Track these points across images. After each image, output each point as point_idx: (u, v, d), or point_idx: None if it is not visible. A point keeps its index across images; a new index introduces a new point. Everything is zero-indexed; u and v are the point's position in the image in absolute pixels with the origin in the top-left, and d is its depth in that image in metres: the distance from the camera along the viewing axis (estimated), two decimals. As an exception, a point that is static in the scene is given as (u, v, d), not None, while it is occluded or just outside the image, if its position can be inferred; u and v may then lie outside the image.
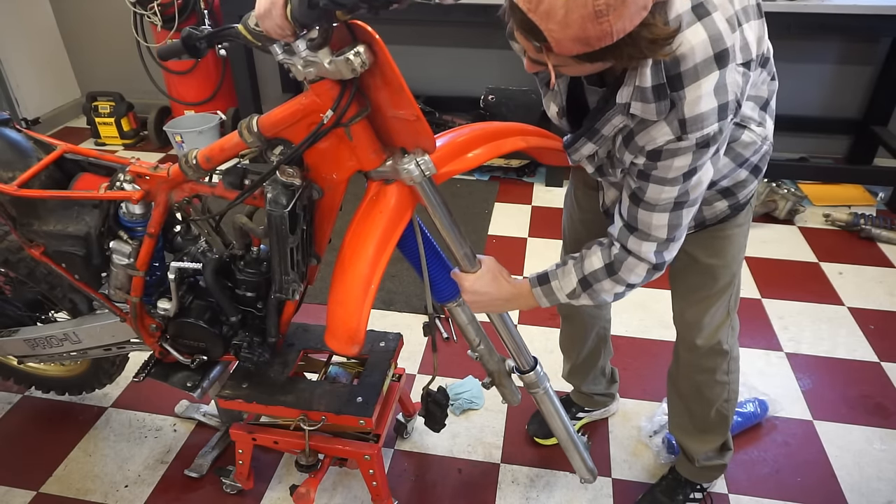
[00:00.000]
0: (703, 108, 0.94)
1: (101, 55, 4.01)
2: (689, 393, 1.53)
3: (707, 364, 1.45)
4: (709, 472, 1.64)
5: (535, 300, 1.26)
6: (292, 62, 1.02)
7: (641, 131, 1.01)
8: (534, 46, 0.89)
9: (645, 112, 0.97)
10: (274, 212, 1.15)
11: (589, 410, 1.89)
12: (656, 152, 1.00)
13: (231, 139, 1.20)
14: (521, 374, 1.49)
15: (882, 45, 3.20)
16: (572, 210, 1.53)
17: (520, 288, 1.28)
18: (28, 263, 1.58)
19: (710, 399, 1.49)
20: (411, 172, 1.13)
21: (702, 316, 1.39)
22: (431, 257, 1.31)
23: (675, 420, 1.62)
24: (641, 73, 0.94)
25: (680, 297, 1.43)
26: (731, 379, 1.49)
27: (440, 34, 3.60)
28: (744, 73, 0.96)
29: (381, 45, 1.00)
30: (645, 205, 1.07)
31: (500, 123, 1.35)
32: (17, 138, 1.41)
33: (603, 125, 1.06)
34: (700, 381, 1.48)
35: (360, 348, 1.18)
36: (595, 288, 1.18)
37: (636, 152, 1.04)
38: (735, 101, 0.96)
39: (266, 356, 1.46)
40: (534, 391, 1.50)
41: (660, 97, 0.95)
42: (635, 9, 0.80)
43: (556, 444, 1.85)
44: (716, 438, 1.57)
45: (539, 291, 1.24)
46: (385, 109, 1.11)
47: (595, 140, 1.11)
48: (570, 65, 0.90)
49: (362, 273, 1.16)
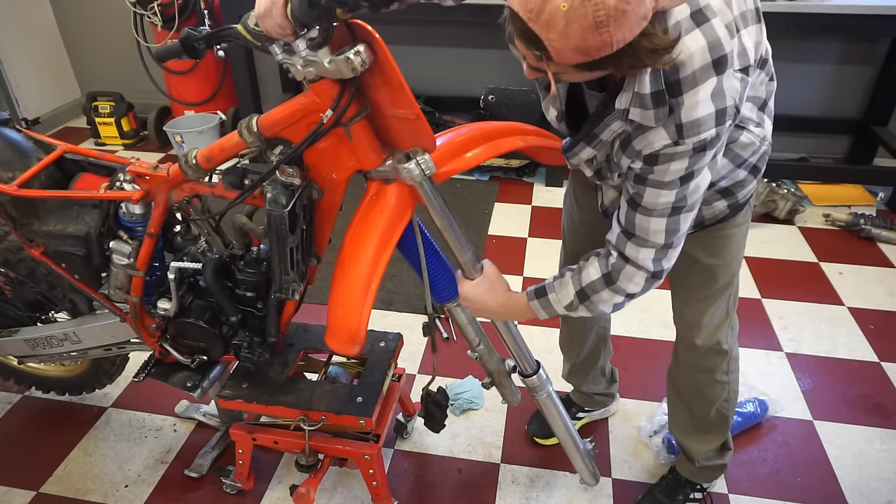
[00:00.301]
0: (700, 114, 0.94)
1: (101, 55, 4.01)
2: (688, 393, 1.53)
3: (706, 364, 1.45)
4: (709, 472, 1.64)
5: (532, 312, 1.26)
6: (292, 62, 1.02)
7: (639, 136, 1.01)
8: (533, 55, 0.90)
9: (644, 118, 0.97)
10: (274, 211, 1.15)
11: (589, 410, 1.89)
12: (653, 156, 1.01)
13: (231, 139, 1.20)
14: (523, 378, 1.49)
15: (882, 45, 3.20)
16: (572, 210, 1.53)
17: (517, 300, 1.29)
18: (28, 263, 1.58)
19: (709, 399, 1.49)
20: (411, 171, 1.13)
21: (701, 316, 1.39)
22: (431, 257, 1.31)
23: (675, 420, 1.62)
24: (640, 79, 0.95)
25: (679, 297, 1.43)
26: (731, 379, 1.49)
27: (440, 34, 3.60)
28: (742, 79, 0.96)
29: (381, 43, 1.00)
30: (643, 209, 1.07)
31: (498, 123, 1.35)
32: (17, 138, 1.41)
33: (602, 130, 1.07)
34: (700, 380, 1.48)
35: (361, 348, 1.18)
36: (593, 299, 1.18)
37: (633, 156, 1.04)
38: (734, 106, 0.96)
39: (266, 356, 1.46)
40: (536, 395, 1.50)
41: (658, 104, 0.95)
42: (635, 19, 0.80)
43: (556, 444, 1.85)
44: (716, 438, 1.57)
45: (536, 304, 1.25)
46: (385, 109, 1.11)
47: (594, 145, 1.11)
48: (570, 73, 0.91)
49: (363, 273, 1.16)
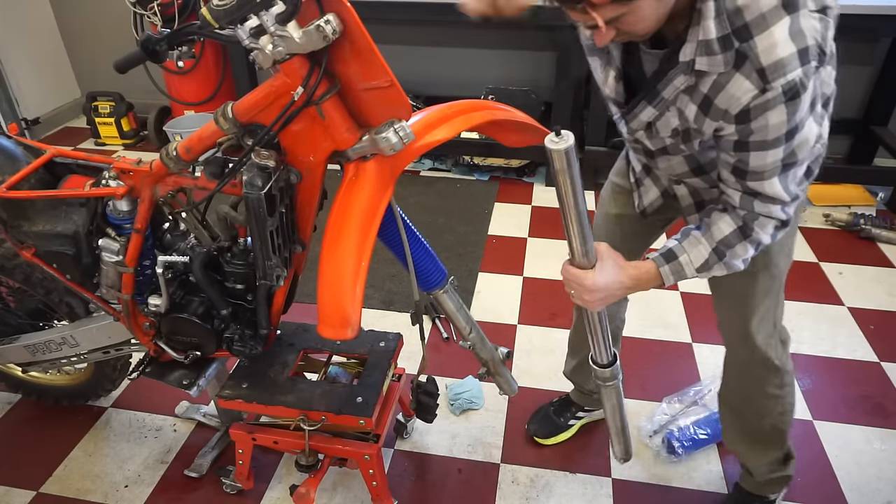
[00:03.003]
0: (781, 54, 0.89)
1: (101, 55, 4.00)
2: (738, 405, 1.50)
3: (755, 375, 1.41)
4: (772, 485, 1.60)
5: (660, 279, 1.16)
6: (259, 46, 1.01)
7: (719, 93, 0.96)
8: (579, 12, 0.88)
9: (712, 65, 0.94)
10: (250, 194, 1.14)
11: (589, 410, 1.89)
12: (744, 113, 0.95)
13: (208, 128, 1.20)
14: (598, 367, 1.34)
15: (882, 45, 3.20)
16: (609, 207, 1.49)
17: (644, 269, 1.16)
18: (24, 269, 1.60)
19: (760, 412, 1.46)
20: (390, 140, 1.10)
21: (745, 324, 1.34)
22: (414, 245, 1.30)
23: (727, 434, 1.59)
24: (705, 26, 0.92)
25: (723, 307, 1.39)
26: (786, 392, 1.44)
27: (440, 34, 3.60)
28: (821, 19, 0.92)
29: (351, 11, 0.98)
30: (752, 175, 1.01)
31: (469, 101, 1.34)
32: (7, 143, 1.44)
33: (664, 86, 1.02)
34: (749, 392, 1.45)
35: (356, 332, 1.11)
36: (728, 255, 1.10)
37: (719, 118, 0.98)
38: (816, 45, 0.91)
39: (259, 349, 1.46)
40: (608, 384, 1.36)
41: (726, 47, 0.92)
42: None
43: (556, 443, 1.85)
44: (773, 452, 1.53)
45: (667, 270, 1.14)
46: (356, 83, 1.09)
47: (655, 104, 1.06)
48: (617, 12, 0.90)
49: (350, 251, 1.11)
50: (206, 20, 0.97)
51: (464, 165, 3.48)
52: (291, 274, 1.38)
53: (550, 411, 1.89)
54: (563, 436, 1.87)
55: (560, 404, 1.90)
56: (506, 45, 3.55)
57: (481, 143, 3.26)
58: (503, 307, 2.41)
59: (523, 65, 3.58)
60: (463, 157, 3.43)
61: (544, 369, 2.11)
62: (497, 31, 3.48)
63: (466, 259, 2.70)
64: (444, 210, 3.09)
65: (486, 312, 2.38)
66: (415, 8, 2.99)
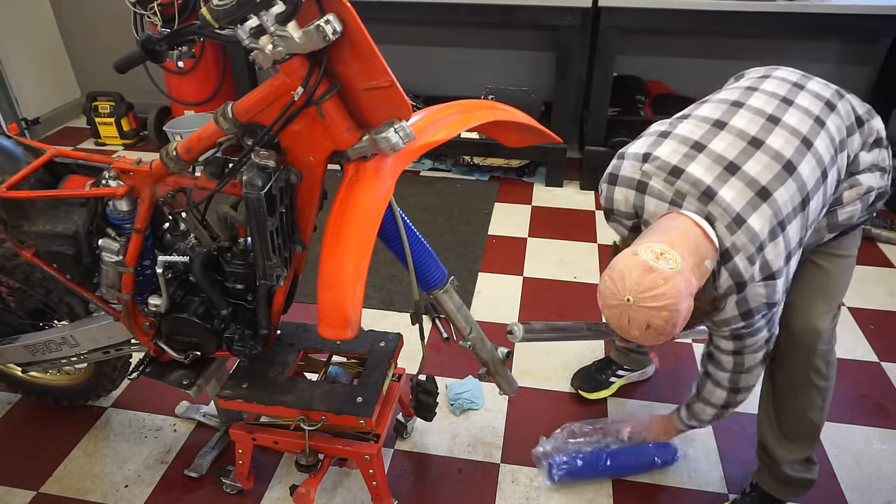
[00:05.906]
0: (727, 315, 1.22)
1: (101, 55, 4.01)
2: (784, 390, 1.49)
3: (808, 361, 1.42)
4: (794, 488, 1.58)
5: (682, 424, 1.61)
6: (259, 46, 1.01)
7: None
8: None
9: None
10: (250, 193, 1.14)
11: (628, 370, 1.97)
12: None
13: (208, 128, 1.20)
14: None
15: (882, 45, 3.20)
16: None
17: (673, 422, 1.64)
18: (24, 269, 1.60)
19: (802, 402, 1.46)
20: (390, 140, 1.10)
21: (823, 309, 1.39)
22: (414, 244, 1.30)
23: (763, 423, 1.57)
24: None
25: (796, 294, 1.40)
26: (828, 386, 1.46)
27: (440, 34, 3.60)
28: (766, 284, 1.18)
29: (352, 11, 0.98)
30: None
31: (469, 101, 1.35)
32: (7, 144, 1.44)
33: None
34: (798, 379, 1.45)
35: (356, 332, 1.12)
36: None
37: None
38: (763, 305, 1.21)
39: (259, 348, 1.46)
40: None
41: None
42: (686, 314, 1.07)
43: (602, 397, 1.95)
44: (802, 449, 1.52)
45: (684, 416, 1.59)
46: (356, 84, 1.09)
47: None
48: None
49: (350, 251, 1.12)
50: (206, 20, 0.98)
51: (464, 165, 3.48)
52: (291, 274, 1.38)
53: (592, 370, 2.00)
54: (605, 392, 1.97)
55: (601, 363, 2.00)
56: (506, 45, 3.55)
57: (481, 143, 3.26)
58: (503, 307, 2.42)
59: (523, 65, 3.58)
60: (463, 157, 3.43)
61: (544, 369, 2.11)
62: (497, 31, 3.48)
63: (466, 259, 2.70)
64: (444, 210, 3.09)
65: (486, 312, 2.38)
66: (415, 8, 2.99)
